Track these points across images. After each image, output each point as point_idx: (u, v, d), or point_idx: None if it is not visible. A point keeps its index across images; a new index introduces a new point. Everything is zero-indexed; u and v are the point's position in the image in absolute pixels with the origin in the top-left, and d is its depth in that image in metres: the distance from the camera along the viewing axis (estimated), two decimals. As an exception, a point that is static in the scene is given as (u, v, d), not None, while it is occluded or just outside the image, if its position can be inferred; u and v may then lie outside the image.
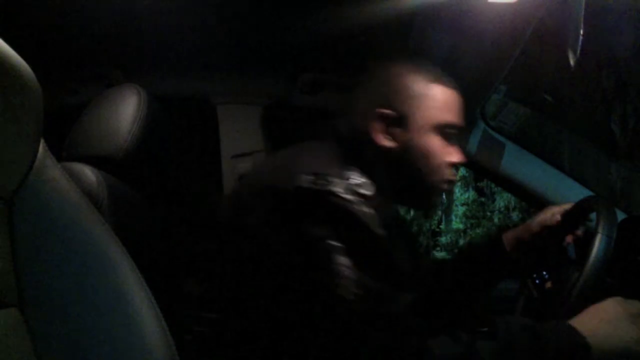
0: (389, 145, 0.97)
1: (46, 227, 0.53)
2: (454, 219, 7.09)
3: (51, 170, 0.55)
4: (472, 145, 1.53)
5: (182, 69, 1.46)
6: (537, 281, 1.07)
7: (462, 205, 7.02)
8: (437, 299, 1.17)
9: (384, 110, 0.97)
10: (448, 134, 0.99)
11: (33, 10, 1.17)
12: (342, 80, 1.49)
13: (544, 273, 1.07)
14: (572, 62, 0.97)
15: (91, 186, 0.94)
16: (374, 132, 0.97)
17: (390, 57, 1.04)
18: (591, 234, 0.94)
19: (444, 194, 1.04)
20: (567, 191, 1.48)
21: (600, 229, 0.93)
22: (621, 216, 1.25)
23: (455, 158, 1.00)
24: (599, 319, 0.84)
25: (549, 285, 1.04)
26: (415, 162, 0.97)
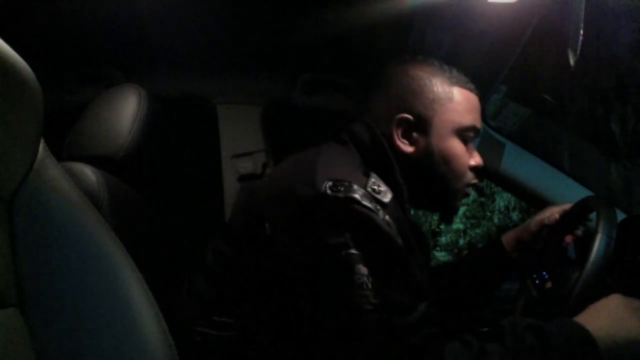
0: (409, 150, 0.96)
1: (46, 227, 0.53)
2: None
3: (51, 170, 0.55)
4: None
5: (182, 69, 1.46)
6: (537, 281, 1.07)
7: (462, 205, 7.02)
8: (440, 302, 1.17)
9: (404, 115, 0.95)
10: (468, 137, 0.98)
11: (33, 10, 1.17)
12: (342, 80, 1.49)
13: (544, 273, 1.07)
14: (572, 62, 0.96)
15: (91, 186, 0.94)
16: (395, 137, 0.95)
17: (408, 57, 1.02)
18: (591, 234, 0.94)
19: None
20: (567, 191, 1.48)
21: (600, 229, 0.93)
22: (621, 216, 1.25)
23: (476, 161, 1.00)
24: (602, 315, 0.84)
25: (549, 285, 1.04)
26: (437, 167, 0.96)
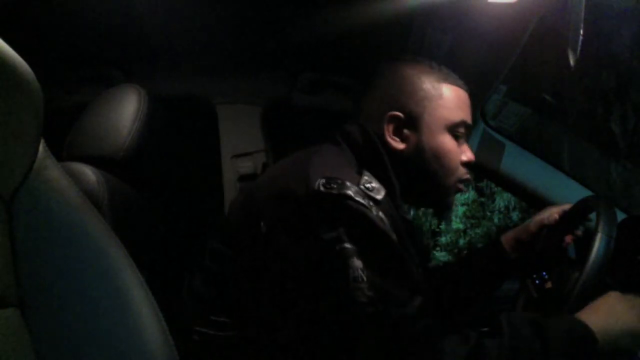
0: (401, 147, 0.97)
1: (46, 227, 0.53)
2: (453, 219, 7.09)
3: (51, 170, 0.55)
4: (472, 145, 1.52)
5: (182, 69, 1.46)
6: (537, 281, 1.07)
7: (462, 205, 7.02)
8: (440, 301, 1.17)
9: (395, 113, 0.97)
10: (459, 133, 0.99)
11: (33, 10, 1.17)
12: (342, 80, 1.49)
13: (544, 273, 1.07)
14: (572, 62, 0.96)
15: (91, 186, 0.94)
16: (386, 135, 0.97)
17: (398, 57, 1.03)
18: (591, 234, 0.94)
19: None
20: (567, 191, 1.48)
21: (600, 228, 0.93)
22: (621, 216, 1.25)
23: (467, 157, 1.01)
24: (599, 310, 0.84)
25: (549, 285, 1.04)
26: (429, 163, 0.97)
